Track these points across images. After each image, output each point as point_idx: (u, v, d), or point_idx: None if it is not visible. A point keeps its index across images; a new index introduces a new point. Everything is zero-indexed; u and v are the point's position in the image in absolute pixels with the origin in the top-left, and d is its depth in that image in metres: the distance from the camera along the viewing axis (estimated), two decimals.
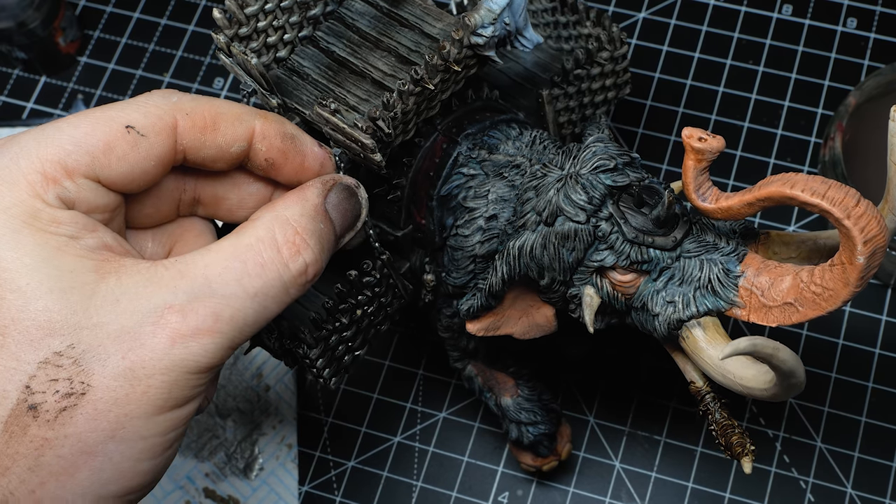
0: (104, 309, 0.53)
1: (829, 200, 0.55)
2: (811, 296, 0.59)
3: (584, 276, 0.65)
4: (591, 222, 0.63)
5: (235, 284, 0.55)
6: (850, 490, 0.86)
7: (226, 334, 0.55)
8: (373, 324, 0.73)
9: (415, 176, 0.72)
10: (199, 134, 0.59)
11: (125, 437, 0.53)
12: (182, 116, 0.58)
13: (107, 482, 0.54)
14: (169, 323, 0.53)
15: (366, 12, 0.72)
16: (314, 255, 0.59)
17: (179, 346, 0.53)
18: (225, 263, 0.56)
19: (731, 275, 0.62)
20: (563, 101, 0.77)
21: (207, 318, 0.54)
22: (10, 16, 1.00)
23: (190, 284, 0.55)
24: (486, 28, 0.66)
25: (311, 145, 0.63)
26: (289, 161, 0.62)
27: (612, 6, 1.06)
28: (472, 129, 0.72)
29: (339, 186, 0.62)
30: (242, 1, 0.68)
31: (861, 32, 1.03)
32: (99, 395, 0.52)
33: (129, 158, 0.57)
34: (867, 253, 0.56)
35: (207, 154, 0.60)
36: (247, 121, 0.60)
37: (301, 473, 0.90)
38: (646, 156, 0.99)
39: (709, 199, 0.60)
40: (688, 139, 0.59)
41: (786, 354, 0.56)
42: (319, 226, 0.60)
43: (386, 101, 0.65)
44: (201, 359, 0.54)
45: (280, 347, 0.71)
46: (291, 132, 0.62)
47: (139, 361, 0.53)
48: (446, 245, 0.72)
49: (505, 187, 0.69)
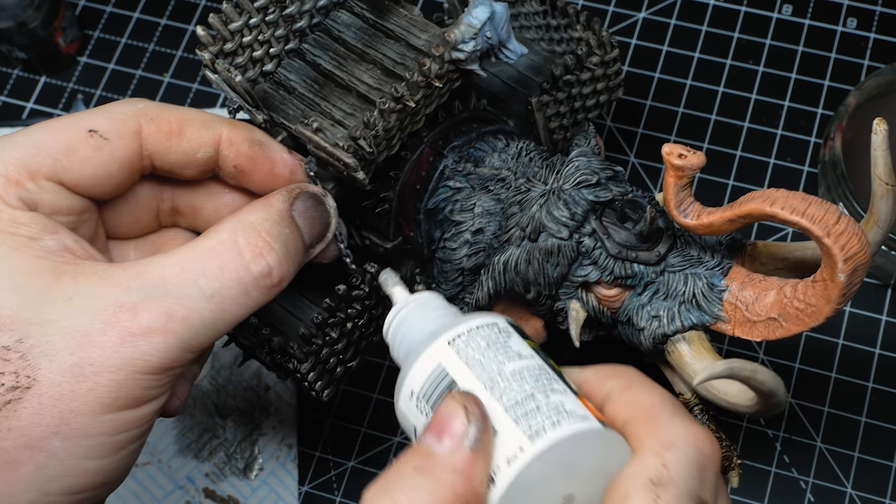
0: (56, 306, 0.53)
1: (808, 218, 0.55)
2: (794, 311, 0.59)
3: (569, 291, 0.65)
4: (573, 238, 0.63)
5: (191, 285, 0.55)
6: (850, 490, 0.86)
7: (179, 335, 0.55)
8: (364, 335, 0.73)
9: (402, 189, 0.72)
10: (165, 139, 0.60)
11: (70, 433, 0.53)
12: (147, 122, 0.59)
13: (52, 478, 0.54)
14: (120, 321, 0.53)
15: (352, 24, 0.72)
16: (278, 259, 0.58)
17: (129, 344, 0.53)
18: (183, 265, 0.56)
19: (716, 289, 0.62)
20: (554, 107, 0.77)
21: (160, 318, 0.54)
22: (10, 16, 1.00)
23: (144, 284, 0.55)
24: (468, 43, 0.66)
25: (281, 152, 0.63)
26: (258, 168, 0.62)
27: (611, 6, 1.05)
28: (459, 142, 0.72)
29: (306, 195, 0.62)
30: (226, 17, 0.68)
31: (861, 32, 1.02)
32: (44, 390, 0.52)
33: (92, 161, 0.58)
34: (848, 271, 0.56)
35: (174, 160, 0.60)
36: (213, 127, 0.61)
37: (301, 473, 0.90)
38: (646, 156, 0.98)
39: (690, 216, 0.60)
40: (668, 156, 0.59)
41: (765, 376, 0.55)
42: (285, 230, 0.60)
43: (367, 120, 0.65)
44: (151, 358, 0.54)
45: (272, 361, 0.72)
46: (260, 139, 0.62)
47: (87, 358, 0.53)
48: (435, 257, 0.72)
49: (490, 201, 0.69)
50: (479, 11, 0.66)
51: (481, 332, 0.55)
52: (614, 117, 1.00)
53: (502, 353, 0.54)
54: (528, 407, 0.51)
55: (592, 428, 0.51)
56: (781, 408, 0.59)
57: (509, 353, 0.54)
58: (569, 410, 0.51)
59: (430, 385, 0.54)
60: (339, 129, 0.67)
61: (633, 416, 0.52)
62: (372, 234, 0.74)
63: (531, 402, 0.52)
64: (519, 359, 0.54)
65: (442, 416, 0.51)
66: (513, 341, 0.55)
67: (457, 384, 0.53)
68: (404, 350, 0.58)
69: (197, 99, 1.04)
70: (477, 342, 0.55)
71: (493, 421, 0.51)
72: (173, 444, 0.90)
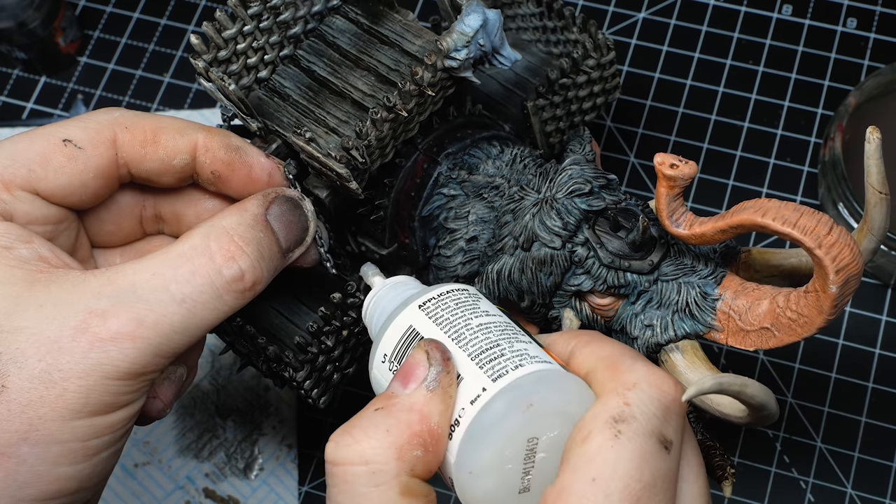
0: (27, 314, 0.53)
1: (800, 229, 0.55)
2: (787, 321, 0.59)
3: (563, 300, 0.65)
4: (566, 247, 0.63)
5: (162, 290, 0.55)
6: (850, 490, 0.86)
7: (149, 340, 0.55)
8: (361, 342, 0.73)
9: (397, 196, 0.72)
10: (140, 147, 0.60)
11: (39, 440, 0.53)
12: (122, 130, 0.59)
13: (23, 485, 0.54)
14: (89, 327, 0.53)
15: (346, 29, 0.72)
16: (251, 262, 0.58)
17: (98, 350, 0.53)
18: (154, 270, 0.56)
19: (709, 298, 0.62)
20: (550, 110, 0.77)
21: (129, 323, 0.54)
22: (10, 16, 1.00)
23: (115, 290, 0.55)
24: (460, 51, 0.65)
25: (257, 156, 0.63)
26: (235, 173, 0.62)
27: (611, 6, 1.05)
28: (453, 148, 0.72)
29: (282, 198, 0.62)
30: (220, 24, 0.67)
31: (861, 32, 1.02)
32: (13, 397, 0.52)
33: (67, 170, 0.58)
34: (840, 282, 0.55)
35: (151, 167, 0.61)
36: (189, 134, 0.61)
37: (301, 473, 0.91)
38: (646, 156, 0.98)
39: (683, 226, 0.60)
40: (660, 166, 0.59)
41: (754, 389, 0.55)
42: (258, 234, 0.59)
43: (359, 130, 0.65)
44: (121, 364, 0.54)
45: (268, 369, 0.72)
46: (236, 144, 0.62)
47: (56, 364, 0.53)
48: (430, 264, 0.72)
49: (485, 208, 0.68)
50: (472, 19, 0.66)
51: (451, 296, 0.57)
52: (614, 117, 1.00)
53: (470, 310, 0.56)
54: (492, 354, 0.53)
55: (554, 369, 0.52)
56: (773, 420, 0.58)
57: (477, 311, 0.56)
58: (532, 355, 0.53)
59: (401, 346, 0.56)
60: (333, 138, 0.67)
61: (596, 365, 0.53)
62: (368, 240, 0.74)
63: (496, 350, 0.53)
64: (486, 315, 0.55)
65: (407, 364, 0.52)
66: (482, 303, 0.57)
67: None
68: (380, 324, 0.59)
69: (197, 99, 1.04)
70: (447, 304, 0.56)
71: (459, 368, 0.53)
72: (173, 445, 0.90)
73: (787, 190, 0.96)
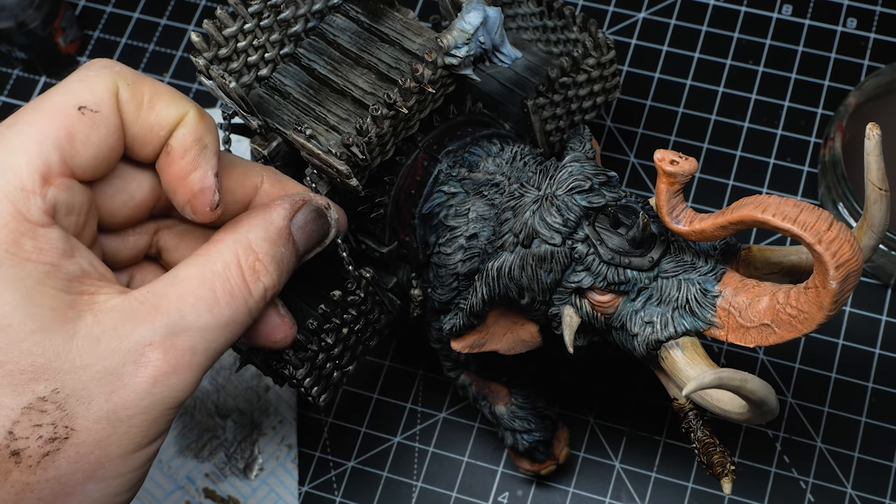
0: (86, 350, 0.52)
1: (800, 225, 0.55)
2: (787, 318, 0.59)
3: (563, 297, 0.65)
4: (566, 244, 0.63)
5: (208, 315, 0.56)
6: (850, 490, 0.86)
7: (202, 366, 0.56)
8: (360, 340, 0.73)
9: (397, 194, 0.72)
10: (135, 108, 0.56)
11: (104, 476, 0.53)
12: (123, 86, 0.56)
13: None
14: (150, 361, 0.53)
15: (347, 28, 0.72)
16: (272, 280, 0.59)
17: (161, 384, 0.54)
18: (197, 293, 0.56)
19: (709, 294, 0.62)
20: (550, 109, 0.77)
21: (186, 353, 0.54)
22: (10, 16, 1.00)
23: (166, 319, 0.54)
24: (461, 48, 0.66)
25: (207, 169, 0.59)
26: (175, 166, 0.58)
27: (611, 6, 1.05)
28: (453, 146, 0.72)
29: (308, 207, 0.62)
30: (220, 22, 0.68)
31: (861, 32, 1.02)
32: (82, 439, 0.52)
33: (93, 140, 0.55)
34: (840, 278, 0.55)
35: (137, 132, 0.57)
36: (181, 106, 0.58)
37: (301, 473, 0.91)
38: (646, 156, 0.98)
39: (683, 222, 0.60)
40: (660, 163, 0.59)
41: (755, 385, 0.55)
42: (281, 250, 0.60)
43: (359, 127, 0.65)
44: (179, 393, 0.55)
45: (267, 367, 0.72)
46: (207, 143, 0.58)
47: (122, 403, 0.53)
48: (430, 262, 0.72)
49: (485, 206, 0.68)
50: (473, 16, 0.66)
51: None
52: (614, 117, 1.00)
53: None
54: None
55: None
56: (773, 416, 0.58)
57: None
58: None
59: None
60: (333, 135, 0.67)
61: None
62: (368, 238, 0.74)
63: None
64: None
65: None
66: None
67: None
68: None
69: (197, 99, 1.04)
70: None
71: None
72: (173, 445, 0.91)
73: (787, 190, 0.96)
